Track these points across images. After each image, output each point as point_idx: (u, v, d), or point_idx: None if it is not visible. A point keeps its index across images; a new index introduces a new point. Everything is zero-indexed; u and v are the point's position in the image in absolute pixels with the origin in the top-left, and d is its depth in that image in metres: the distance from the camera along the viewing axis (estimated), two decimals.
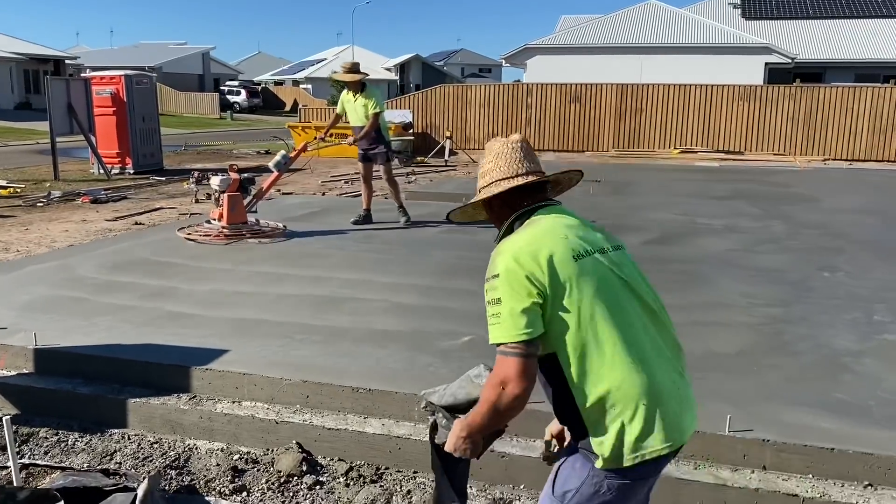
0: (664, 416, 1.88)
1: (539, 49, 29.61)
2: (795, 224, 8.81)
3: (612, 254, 2.01)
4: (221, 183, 7.63)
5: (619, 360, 1.86)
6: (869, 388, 3.82)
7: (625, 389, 1.85)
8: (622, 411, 1.85)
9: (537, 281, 1.85)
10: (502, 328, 1.85)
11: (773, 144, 19.43)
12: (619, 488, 1.91)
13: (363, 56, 59.34)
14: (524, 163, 2.10)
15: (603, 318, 1.87)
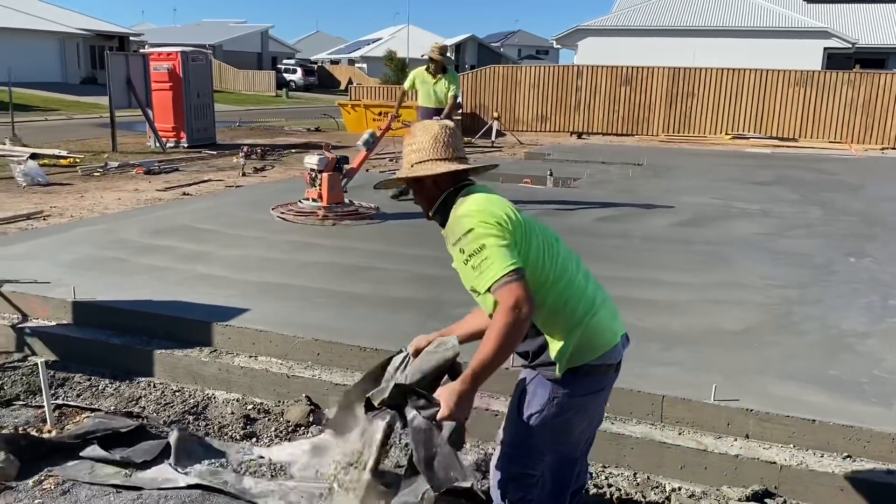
0: (604, 324, 2.27)
1: (591, 31, 29.30)
2: (833, 210, 8.68)
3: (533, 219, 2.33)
4: (320, 162, 7.46)
5: (569, 284, 2.22)
6: (866, 367, 3.86)
7: (575, 305, 2.21)
8: (575, 324, 2.20)
9: (506, 224, 2.13)
10: (495, 266, 2.06)
11: (830, 132, 18.94)
12: (577, 405, 2.25)
13: (419, 35, 59.46)
14: (459, 149, 2.34)
15: (553, 254, 2.23)
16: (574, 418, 2.29)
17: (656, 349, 4.06)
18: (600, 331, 2.25)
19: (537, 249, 2.19)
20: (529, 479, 2.32)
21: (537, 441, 2.29)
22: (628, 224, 7.63)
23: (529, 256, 2.16)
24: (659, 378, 3.66)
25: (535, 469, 2.31)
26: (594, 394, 2.31)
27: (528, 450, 2.30)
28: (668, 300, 4.98)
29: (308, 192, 7.69)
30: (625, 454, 3.37)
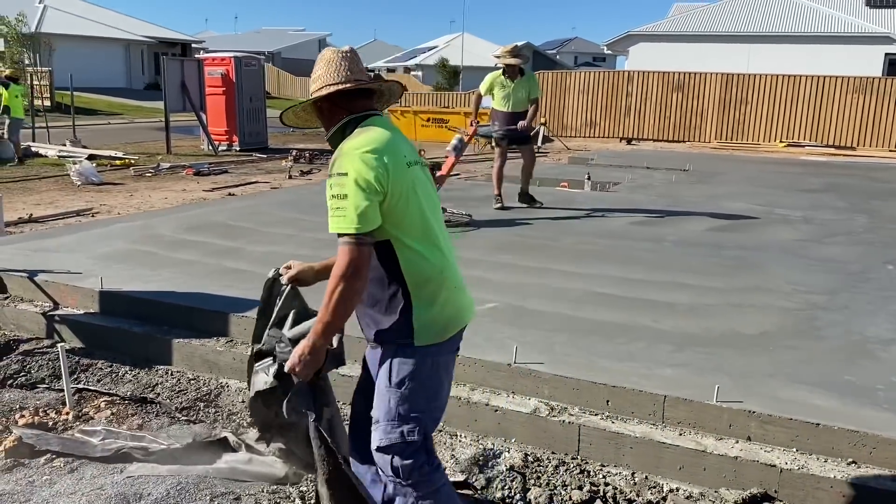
0: (461, 297, 2.36)
1: (642, 36, 28.96)
2: (880, 218, 8.39)
3: (423, 167, 2.34)
4: None
5: (437, 252, 2.27)
6: (883, 374, 3.73)
7: (443, 274, 2.27)
8: (441, 292, 2.26)
9: (380, 180, 2.13)
10: (346, 220, 2.09)
11: (890, 140, 18.30)
12: (442, 363, 2.32)
13: (473, 43, 59.61)
14: (350, 72, 2.32)
15: (426, 216, 2.26)
16: (443, 378, 2.36)
17: (667, 350, 4.00)
18: (459, 298, 2.33)
19: (408, 209, 2.20)
20: (413, 445, 2.28)
21: (412, 407, 2.27)
22: (663, 228, 7.52)
23: (392, 217, 2.16)
24: (665, 379, 3.61)
25: (416, 435, 2.28)
26: (454, 353, 2.40)
27: (404, 418, 2.27)
28: (689, 303, 4.90)
29: None
30: (623, 453, 3.33)
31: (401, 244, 2.21)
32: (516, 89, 7.95)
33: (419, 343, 2.24)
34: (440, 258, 2.27)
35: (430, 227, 2.26)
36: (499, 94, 8.03)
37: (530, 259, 6.02)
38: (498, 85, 8.02)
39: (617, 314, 4.61)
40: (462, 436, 3.60)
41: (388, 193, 2.15)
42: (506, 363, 3.72)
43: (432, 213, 2.30)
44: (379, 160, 2.14)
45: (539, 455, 3.41)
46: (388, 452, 2.29)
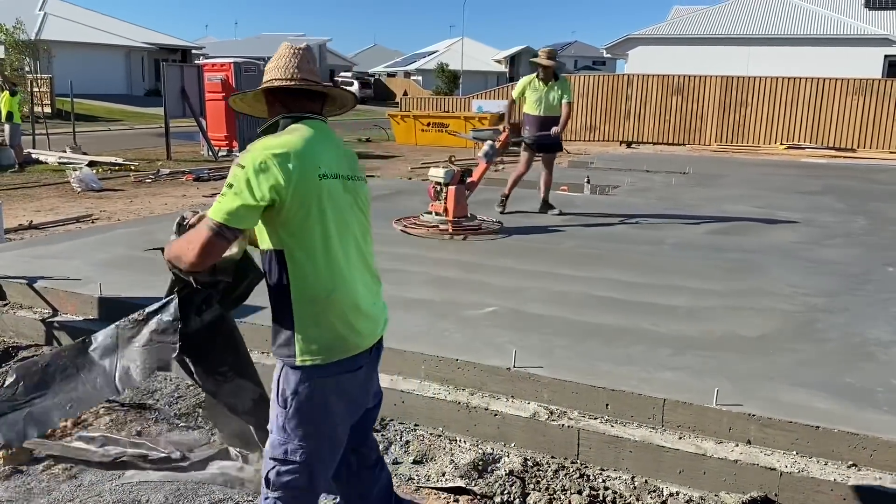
0: (358, 322, 2.21)
1: (642, 39, 29.00)
2: (880, 220, 8.39)
3: (350, 182, 2.26)
4: (446, 175, 7.14)
5: (331, 272, 2.16)
6: (883, 376, 3.72)
7: (335, 297, 2.16)
8: (327, 315, 2.16)
9: (276, 187, 2.06)
10: (219, 207, 2.06)
11: (890, 142, 18.30)
12: (331, 385, 2.20)
13: (473, 47, 59.77)
14: (297, 70, 2.27)
15: (329, 233, 2.15)
16: (332, 401, 2.22)
17: (666, 354, 4.00)
18: (354, 322, 2.19)
19: (308, 223, 2.11)
20: (291, 464, 2.22)
21: (297, 426, 2.20)
22: (662, 231, 7.52)
23: (288, 228, 2.10)
24: (665, 382, 3.60)
25: (297, 455, 2.21)
26: (350, 373, 2.23)
27: (290, 436, 2.21)
28: (688, 306, 4.89)
29: (432, 205, 7.31)
30: (623, 457, 3.32)
31: (292, 256, 2.13)
32: (549, 93, 7.88)
33: (299, 362, 2.15)
34: (332, 280, 2.15)
35: (330, 245, 2.15)
36: (531, 97, 7.94)
37: (530, 263, 6.01)
38: (531, 88, 7.94)
39: (616, 318, 4.61)
40: (461, 441, 3.59)
41: (285, 201, 2.07)
42: (505, 367, 3.72)
43: (340, 231, 2.18)
44: (282, 166, 2.07)
45: (539, 459, 3.40)
46: (269, 464, 2.26)
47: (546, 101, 7.90)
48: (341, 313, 2.17)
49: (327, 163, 2.17)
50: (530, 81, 7.97)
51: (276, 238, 2.13)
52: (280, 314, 2.19)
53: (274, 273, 2.17)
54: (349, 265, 2.20)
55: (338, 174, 2.21)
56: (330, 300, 2.15)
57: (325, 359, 2.16)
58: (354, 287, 2.22)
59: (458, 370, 3.81)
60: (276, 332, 2.21)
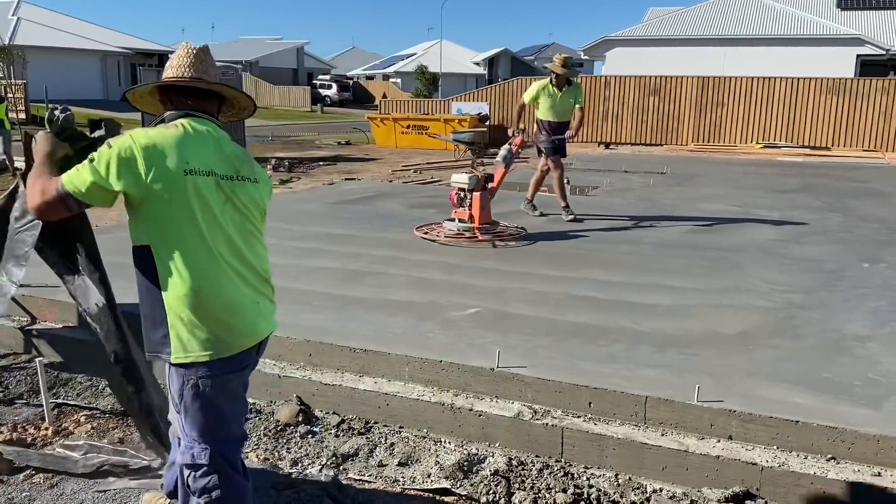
0: (235, 320, 2.23)
1: (618, 41, 29.20)
2: (855, 217, 8.51)
3: (227, 181, 2.26)
4: (471, 181, 6.98)
5: (200, 271, 2.17)
6: (860, 370, 3.78)
7: (203, 295, 2.17)
8: (201, 312, 2.17)
9: (135, 177, 2.11)
10: (74, 176, 2.12)
11: (864, 140, 18.55)
12: (217, 384, 2.22)
13: (451, 50, 59.83)
14: (191, 69, 2.31)
15: (198, 230, 2.16)
16: (221, 399, 2.25)
17: (648, 352, 4.04)
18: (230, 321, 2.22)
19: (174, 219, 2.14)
20: (201, 468, 2.26)
21: (197, 428, 2.23)
22: (641, 231, 7.59)
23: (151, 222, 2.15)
24: (647, 380, 3.64)
25: (203, 458, 2.25)
26: (235, 372, 2.28)
27: (194, 439, 2.25)
28: (669, 305, 4.94)
29: (455, 212, 7.14)
30: (606, 455, 3.35)
31: (157, 252, 2.16)
32: (563, 98, 7.83)
33: (175, 360, 2.18)
34: (199, 277, 2.16)
35: (196, 243, 2.16)
36: (545, 103, 7.86)
37: (511, 264, 6.04)
38: (545, 94, 7.85)
39: (598, 317, 4.64)
40: (446, 442, 3.60)
41: (145, 194, 2.11)
42: (489, 368, 3.73)
43: (210, 229, 2.18)
44: (145, 158, 2.11)
45: (523, 459, 3.42)
46: (184, 470, 2.29)
47: (560, 107, 7.84)
48: (212, 311, 2.18)
49: (200, 160, 2.19)
50: (544, 87, 7.87)
51: (143, 233, 2.17)
52: (151, 311, 2.21)
53: (142, 269, 2.20)
54: (219, 263, 2.20)
55: (212, 172, 2.21)
56: (199, 298, 2.16)
57: (199, 356, 2.18)
58: (226, 285, 2.21)
59: (443, 371, 3.82)
60: (150, 329, 2.23)
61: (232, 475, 2.31)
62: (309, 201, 9.53)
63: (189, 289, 2.16)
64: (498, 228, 7.18)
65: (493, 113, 21.63)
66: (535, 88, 7.92)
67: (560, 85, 7.82)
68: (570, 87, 7.88)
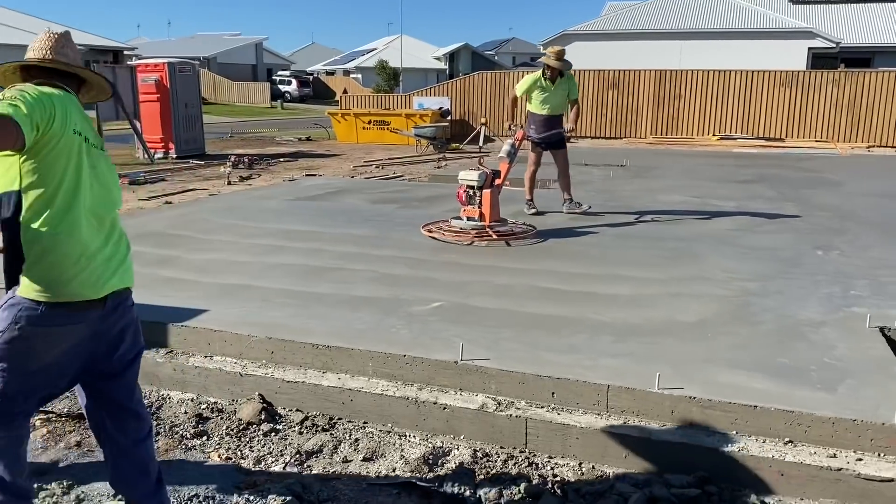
0: (83, 275, 2.33)
1: (577, 35, 29.42)
2: (808, 206, 8.71)
3: (94, 149, 2.43)
4: (480, 178, 6.81)
5: (65, 216, 2.29)
6: (816, 354, 3.87)
7: (60, 239, 2.28)
8: (49, 256, 2.27)
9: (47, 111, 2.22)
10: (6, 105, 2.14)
11: (816, 131, 18.96)
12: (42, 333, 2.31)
13: (412, 45, 59.68)
14: (51, 52, 2.45)
15: (68, 180, 2.29)
16: (40, 348, 2.34)
17: (609, 341, 4.08)
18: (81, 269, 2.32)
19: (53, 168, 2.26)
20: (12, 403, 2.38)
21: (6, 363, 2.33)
22: (602, 222, 7.66)
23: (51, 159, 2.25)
24: (609, 369, 3.67)
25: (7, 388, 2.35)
26: (67, 326, 2.35)
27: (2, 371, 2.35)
28: (629, 295, 5.00)
29: (464, 210, 6.94)
30: (570, 444, 3.38)
31: (27, 193, 2.25)
32: (556, 92, 7.71)
33: (21, 294, 2.28)
34: (60, 223, 2.27)
35: (65, 191, 2.28)
36: (537, 97, 7.73)
37: (473, 257, 6.05)
38: (537, 88, 7.73)
39: (560, 308, 4.67)
40: (411, 436, 3.60)
41: (44, 130, 2.20)
42: (452, 361, 3.74)
43: (78, 184, 2.32)
44: (48, 99, 2.23)
45: (488, 451, 3.43)
46: None
47: (553, 102, 7.73)
48: (64, 257, 2.29)
49: (79, 121, 2.36)
50: (536, 80, 7.73)
51: (16, 175, 2.24)
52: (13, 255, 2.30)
53: (10, 215, 2.27)
54: (79, 216, 2.32)
55: (87, 137, 2.38)
56: (55, 241, 2.27)
57: (43, 295, 2.27)
58: (82, 238, 2.33)
59: (407, 366, 3.82)
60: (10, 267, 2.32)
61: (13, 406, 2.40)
62: (269, 198, 9.42)
63: (47, 234, 2.26)
64: (507, 226, 7.01)
65: (455, 107, 21.64)
66: (528, 81, 7.78)
67: (553, 78, 7.70)
68: (563, 79, 7.75)
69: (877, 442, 3.10)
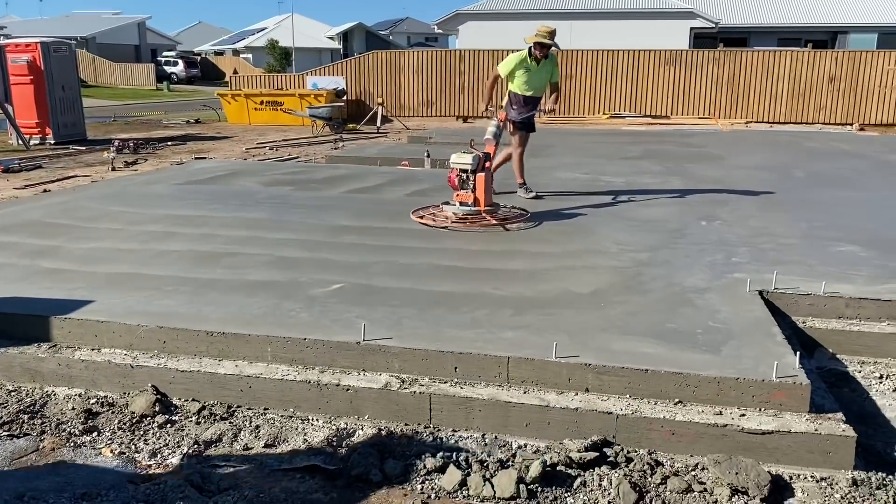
0: None
1: (470, 15, 29.57)
2: (693, 179, 9.12)
3: None
4: (473, 161, 6.57)
5: None
6: (702, 319, 4.07)
7: None
8: None
9: None
10: None
11: (699, 108, 19.87)
12: None
13: (304, 24, 58.39)
14: None
15: None
16: None
17: (508, 314, 4.14)
18: None
19: None
20: None
21: None
22: (500, 200, 7.73)
23: None
24: (508, 341, 3.73)
25: None
26: None
27: None
28: (527, 269, 5.10)
29: (457, 195, 6.70)
30: (473, 417, 3.42)
31: None
32: (539, 73, 7.50)
33: None
34: None
35: None
36: (521, 77, 7.47)
37: (374, 238, 6.01)
38: (522, 67, 7.45)
39: (461, 285, 4.71)
40: (314, 419, 3.55)
41: None
42: (355, 342, 3.70)
43: None
44: None
45: (392, 428, 3.43)
46: None
47: (535, 81, 7.53)
48: None
49: None
50: (522, 59, 7.44)
51: None
52: None
53: None
54: None
55: None
56: None
57: None
58: None
59: (307, 349, 3.76)
60: None
61: None
62: (156, 183, 9.03)
63: None
64: (500, 210, 6.85)
65: (350, 87, 21.37)
66: (514, 61, 7.50)
67: (539, 58, 7.48)
68: (547, 60, 7.54)
69: (758, 398, 3.29)
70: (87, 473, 3.11)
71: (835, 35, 31.91)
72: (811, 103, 19.22)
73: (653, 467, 3.10)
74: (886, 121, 18.86)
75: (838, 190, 8.50)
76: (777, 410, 3.26)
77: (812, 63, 19.13)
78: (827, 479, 3.05)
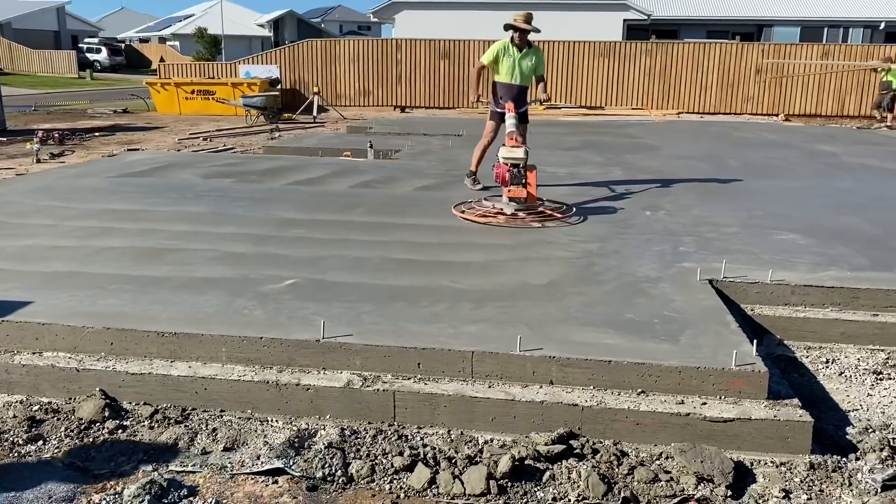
0: None
1: (406, 4, 29.36)
2: (634, 170, 9.28)
3: None
4: (526, 154, 6.48)
5: None
6: (657, 309, 4.13)
7: None
8: None
9: None
10: None
11: (632, 99, 20.25)
12: None
13: (233, 11, 56.89)
14: None
15: None
16: None
17: (469, 308, 4.12)
18: None
19: None
20: None
21: None
22: (446, 192, 7.72)
23: None
24: (471, 335, 3.71)
25: None
26: None
27: None
28: (482, 262, 5.08)
29: (508, 191, 6.48)
30: (438, 413, 3.39)
31: None
32: (523, 61, 7.30)
33: None
34: None
35: None
36: (505, 65, 7.28)
37: (323, 231, 5.89)
38: (506, 55, 7.26)
39: (417, 278, 4.66)
40: (273, 420, 3.45)
41: None
42: (314, 339, 3.61)
43: None
44: None
45: (356, 427, 3.37)
46: None
47: (520, 69, 7.34)
48: None
49: None
50: (505, 46, 7.26)
51: None
52: None
53: None
54: None
55: None
56: None
57: None
58: None
59: (264, 348, 3.65)
60: None
61: None
62: (87, 176, 8.65)
63: None
64: (542, 206, 6.63)
65: (285, 76, 20.97)
66: (496, 49, 7.32)
67: (521, 46, 7.31)
68: (530, 49, 7.39)
69: (718, 386, 3.36)
70: (36, 486, 2.94)
71: (760, 28, 32.99)
72: (739, 94, 19.82)
73: (619, 458, 3.13)
74: (809, 111, 19.61)
75: (771, 179, 8.78)
76: (737, 398, 3.33)
77: (740, 55, 19.71)
78: (786, 463, 3.13)
